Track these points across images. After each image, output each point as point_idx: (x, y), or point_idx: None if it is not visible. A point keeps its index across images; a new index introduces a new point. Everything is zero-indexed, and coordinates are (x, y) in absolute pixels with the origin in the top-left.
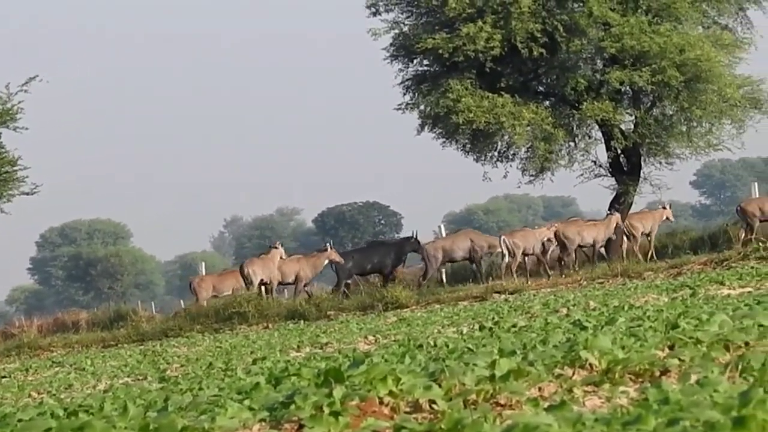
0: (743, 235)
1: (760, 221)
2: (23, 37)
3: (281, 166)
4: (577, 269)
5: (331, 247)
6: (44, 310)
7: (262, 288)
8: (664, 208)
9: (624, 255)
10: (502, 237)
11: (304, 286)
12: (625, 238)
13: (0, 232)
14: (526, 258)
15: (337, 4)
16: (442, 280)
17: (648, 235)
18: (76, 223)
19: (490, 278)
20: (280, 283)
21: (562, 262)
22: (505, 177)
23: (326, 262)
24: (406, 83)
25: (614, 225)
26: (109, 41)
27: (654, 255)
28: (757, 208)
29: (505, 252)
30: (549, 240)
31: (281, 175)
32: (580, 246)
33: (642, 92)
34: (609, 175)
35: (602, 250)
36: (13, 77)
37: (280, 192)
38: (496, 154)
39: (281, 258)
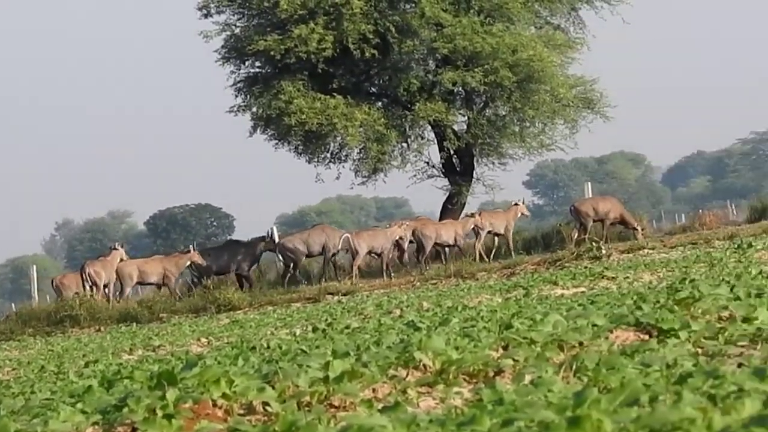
0: (577, 235)
1: (594, 221)
2: None
3: (112, 169)
4: (429, 269)
5: (194, 249)
6: None
7: (106, 290)
8: (517, 204)
9: (478, 255)
10: (345, 235)
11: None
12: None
13: None
14: (376, 257)
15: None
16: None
17: (498, 235)
18: None
19: (323, 279)
20: (141, 283)
21: (419, 261)
22: (337, 178)
23: (188, 263)
24: (238, 85)
25: (471, 225)
26: None
27: (512, 252)
28: (591, 208)
29: (351, 250)
30: (401, 238)
31: (112, 177)
32: (436, 244)
33: (475, 93)
34: (442, 175)
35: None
36: None
37: (111, 194)
38: (328, 155)
39: (122, 259)
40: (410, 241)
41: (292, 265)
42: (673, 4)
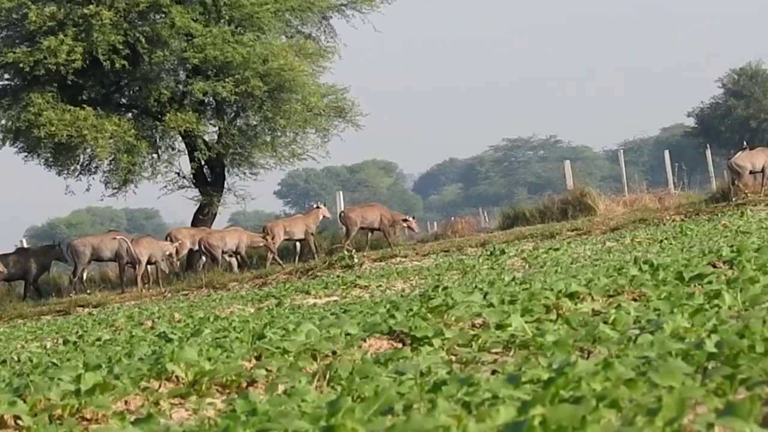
0: (345, 242)
1: (362, 228)
2: None
3: None
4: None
5: None
6: None
7: None
8: (318, 207)
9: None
10: (119, 238)
11: None
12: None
13: None
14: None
15: None
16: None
17: (300, 240)
18: None
19: (72, 292)
20: None
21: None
22: (87, 190)
23: None
24: None
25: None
26: None
27: (315, 254)
28: (360, 215)
29: (132, 257)
30: (180, 245)
31: None
32: (223, 252)
33: (225, 103)
34: (193, 186)
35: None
36: None
37: None
38: (78, 167)
39: None
40: (197, 250)
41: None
42: (428, 12)
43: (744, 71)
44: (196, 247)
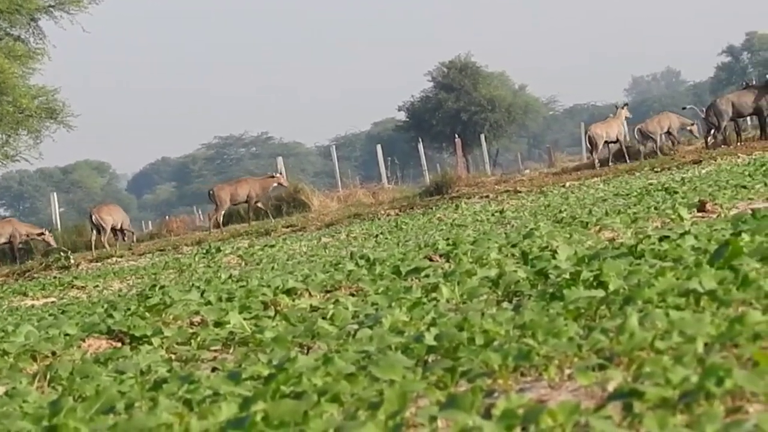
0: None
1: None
2: None
3: None
4: None
5: None
6: None
7: None
8: (272, 176)
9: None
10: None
11: None
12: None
13: None
14: None
15: None
16: None
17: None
18: None
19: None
20: None
21: None
22: None
23: None
24: None
25: None
26: None
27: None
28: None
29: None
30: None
31: None
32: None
33: None
34: None
35: None
36: None
37: None
38: None
39: None
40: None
41: None
42: (139, 10)
43: (453, 64)
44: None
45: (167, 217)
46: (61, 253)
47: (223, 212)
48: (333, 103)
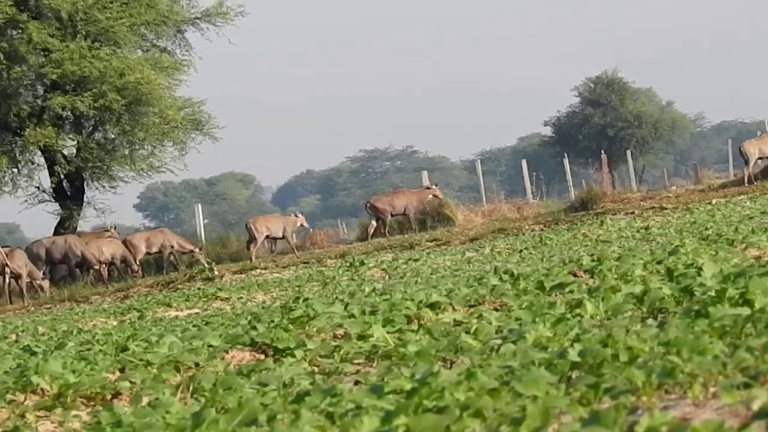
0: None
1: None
2: None
3: None
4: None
5: None
6: None
7: None
8: (297, 215)
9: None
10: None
11: None
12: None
13: None
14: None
15: None
16: None
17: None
18: None
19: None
20: None
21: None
22: None
23: None
24: None
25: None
26: None
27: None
28: (265, 225)
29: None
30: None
31: None
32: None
33: (84, 117)
34: (53, 200)
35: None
36: None
37: None
38: None
39: None
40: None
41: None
42: (284, 25)
43: (600, 79)
44: (154, 250)
45: (311, 230)
46: (206, 265)
47: (387, 223)
48: (478, 117)
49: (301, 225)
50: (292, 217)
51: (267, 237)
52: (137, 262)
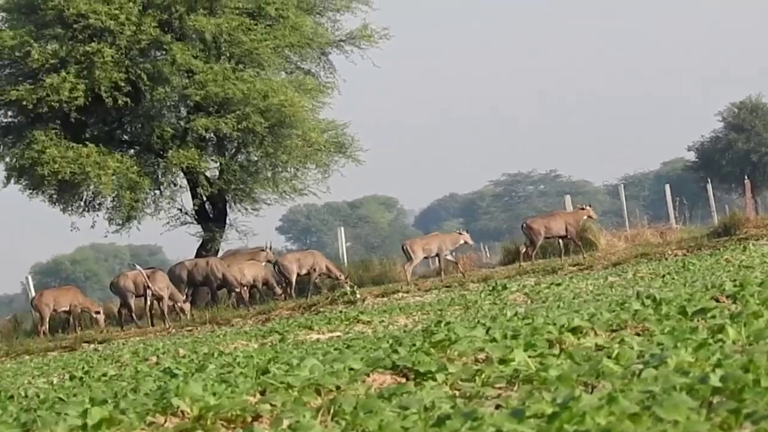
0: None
1: (427, 257)
2: None
3: None
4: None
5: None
6: None
7: None
8: (461, 233)
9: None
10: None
11: None
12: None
13: None
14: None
15: None
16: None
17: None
18: None
19: (79, 328)
20: None
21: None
22: (92, 227)
23: None
24: None
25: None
26: None
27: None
28: (421, 247)
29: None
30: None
31: None
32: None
33: (227, 139)
34: (195, 222)
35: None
36: None
37: None
38: (82, 203)
39: None
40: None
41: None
42: (427, 48)
43: (744, 105)
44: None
45: (454, 253)
46: (348, 288)
47: (538, 245)
48: (621, 142)
49: (465, 242)
50: (455, 234)
51: (425, 257)
52: (292, 282)
